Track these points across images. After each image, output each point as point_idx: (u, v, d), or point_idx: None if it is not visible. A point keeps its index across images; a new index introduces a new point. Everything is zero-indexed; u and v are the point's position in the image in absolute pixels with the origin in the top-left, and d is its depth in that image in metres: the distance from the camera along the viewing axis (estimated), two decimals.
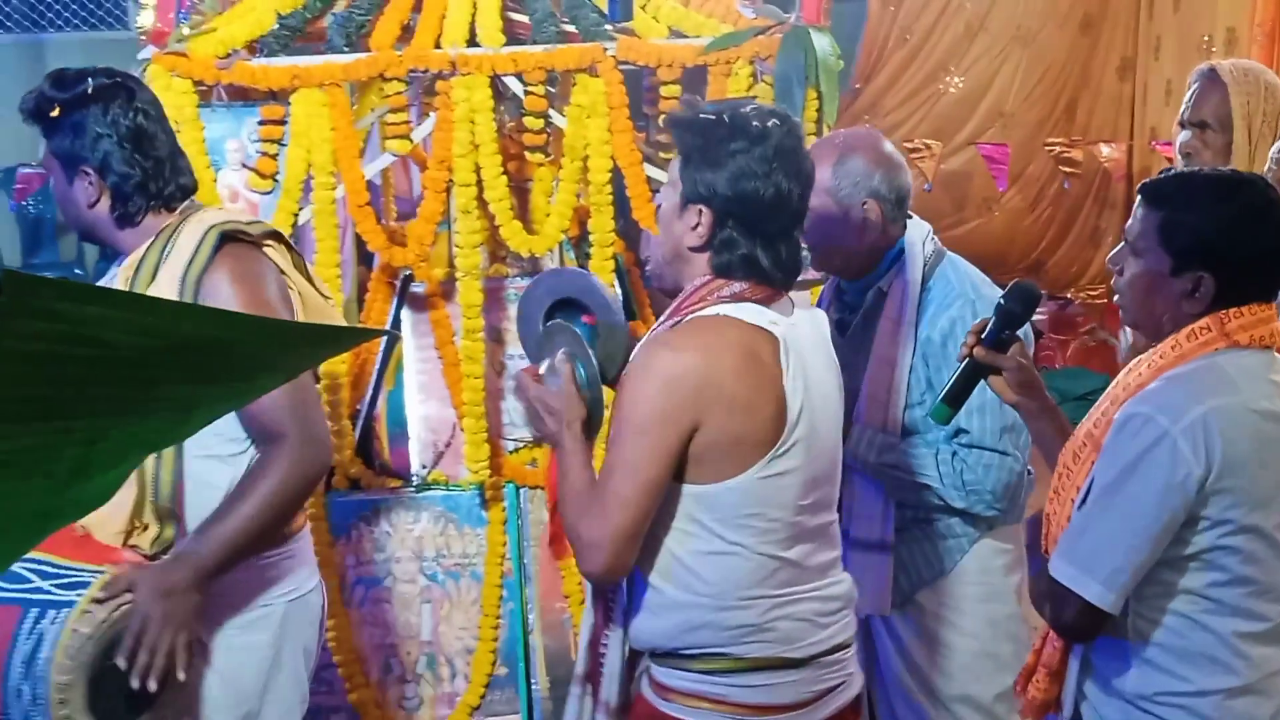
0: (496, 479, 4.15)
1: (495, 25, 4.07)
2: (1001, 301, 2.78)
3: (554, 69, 4.06)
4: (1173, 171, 2.68)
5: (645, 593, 2.64)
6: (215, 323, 0.93)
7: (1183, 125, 3.92)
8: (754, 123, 2.59)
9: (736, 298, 2.59)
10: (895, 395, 3.24)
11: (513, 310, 4.25)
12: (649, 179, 4.12)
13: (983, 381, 2.78)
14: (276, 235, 2.95)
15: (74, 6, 10.60)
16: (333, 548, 4.09)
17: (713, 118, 2.62)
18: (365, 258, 4.66)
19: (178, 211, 2.92)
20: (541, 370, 2.73)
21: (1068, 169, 8.65)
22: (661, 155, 4.24)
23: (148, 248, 2.89)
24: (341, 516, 4.10)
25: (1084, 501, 2.53)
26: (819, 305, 3.50)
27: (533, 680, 4.20)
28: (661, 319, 2.70)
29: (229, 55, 4.03)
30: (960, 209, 9.10)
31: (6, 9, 10.57)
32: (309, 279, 3.01)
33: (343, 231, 4.24)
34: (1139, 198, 2.60)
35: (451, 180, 4.03)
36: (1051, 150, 8.71)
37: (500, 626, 4.17)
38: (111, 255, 3.06)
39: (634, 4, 4.03)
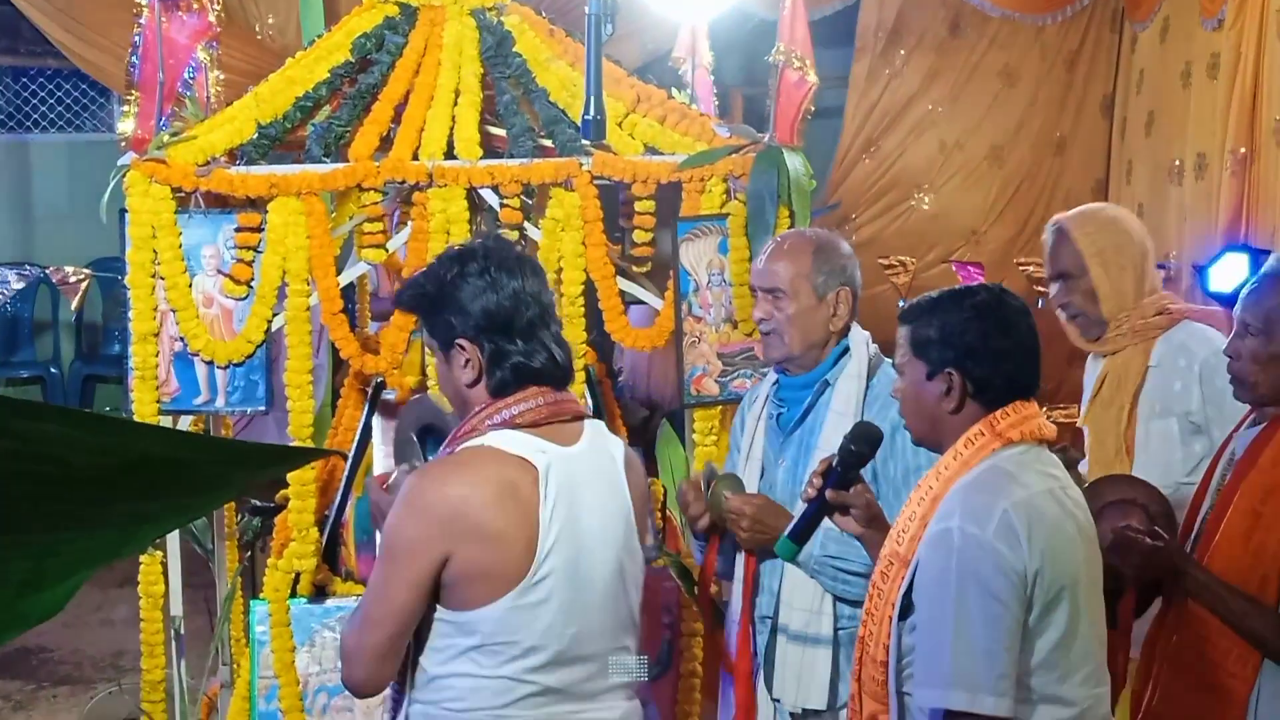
0: None
1: (473, 138, 4.13)
2: (848, 444, 2.91)
3: (530, 182, 4.11)
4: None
5: (408, 704, 2.76)
6: (171, 442, 0.95)
7: (1050, 280, 4.03)
8: (457, 251, 2.80)
9: (506, 424, 2.69)
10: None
11: None
12: (621, 292, 4.16)
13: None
14: None
15: (59, 109, 10.69)
16: (295, 654, 4.07)
17: (426, 271, 2.82)
18: (339, 365, 4.68)
19: None
20: (391, 479, 2.86)
21: (1041, 288, 8.71)
22: (635, 269, 4.28)
23: None
24: (305, 623, 4.08)
25: (901, 616, 2.63)
26: (752, 398, 3.60)
27: None
28: (440, 448, 2.83)
29: (208, 163, 4.07)
30: None
31: None
32: None
33: (317, 339, 4.26)
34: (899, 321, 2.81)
35: None
36: (1024, 269, 8.79)
37: None
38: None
39: (609, 120, 4.09)
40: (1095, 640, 2.66)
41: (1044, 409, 8.76)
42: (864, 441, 2.93)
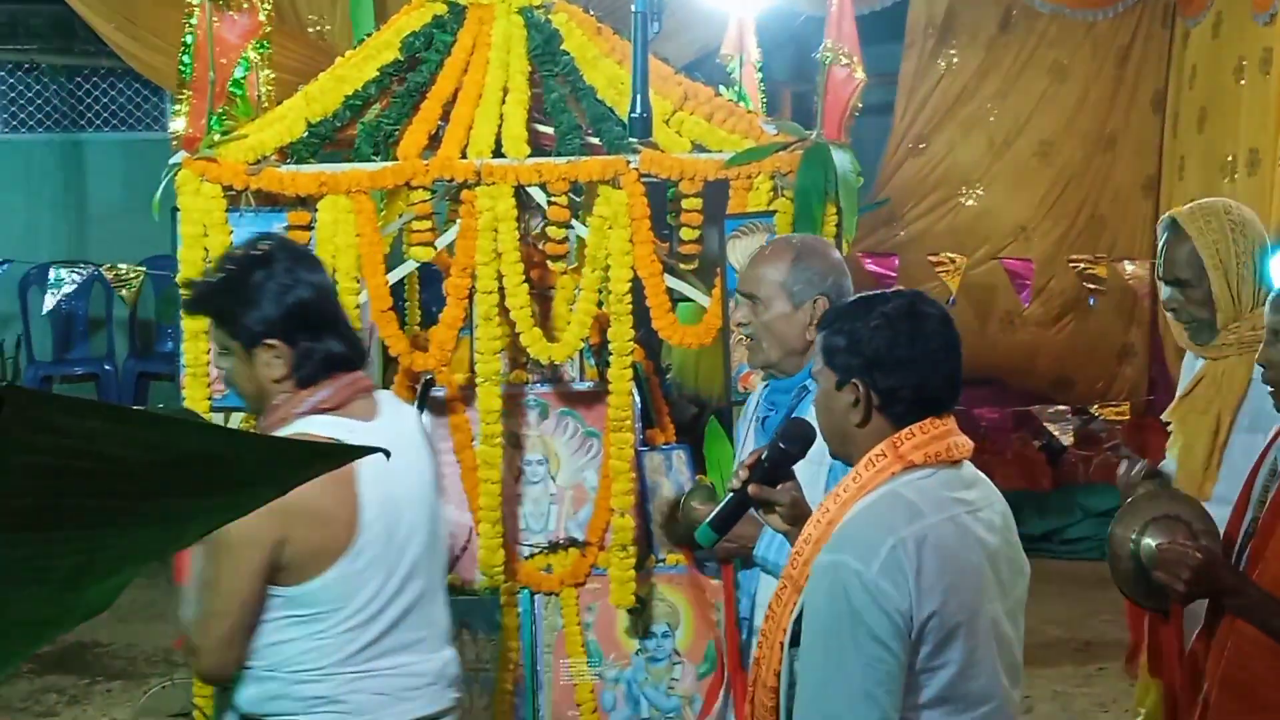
0: (512, 584, 4.15)
1: (521, 136, 4.14)
2: (777, 441, 2.83)
3: (577, 180, 4.12)
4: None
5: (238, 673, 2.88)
6: (214, 438, 0.95)
7: (1162, 282, 3.80)
8: (253, 252, 2.87)
9: (313, 410, 2.82)
10: (818, 493, 3.22)
11: (531, 416, 4.28)
12: (669, 289, 4.17)
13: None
14: None
15: (113, 108, 10.78)
16: None
17: (222, 274, 2.89)
18: (388, 362, 4.70)
19: None
20: None
21: (1092, 285, 8.64)
22: (682, 266, 4.28)
23: None
24: None
25: (793, 643, 2.53)
26: (749, 403, 3.64)
27: None
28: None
29: (258, 161, 4.10)
30: (983, 322, 9.10)
31: (47, 109, 10.76)
32: None
33: (366, 336, 4.27)
34: None
35: (474, 287, 4.07)
36: (1075, 266, 8.73)
37: None
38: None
39: (656, 117, 4.09)
40: (1002, 673, 2.55)
41: (1095, 405, 8.71)
42: (794, 440, 2.82)
